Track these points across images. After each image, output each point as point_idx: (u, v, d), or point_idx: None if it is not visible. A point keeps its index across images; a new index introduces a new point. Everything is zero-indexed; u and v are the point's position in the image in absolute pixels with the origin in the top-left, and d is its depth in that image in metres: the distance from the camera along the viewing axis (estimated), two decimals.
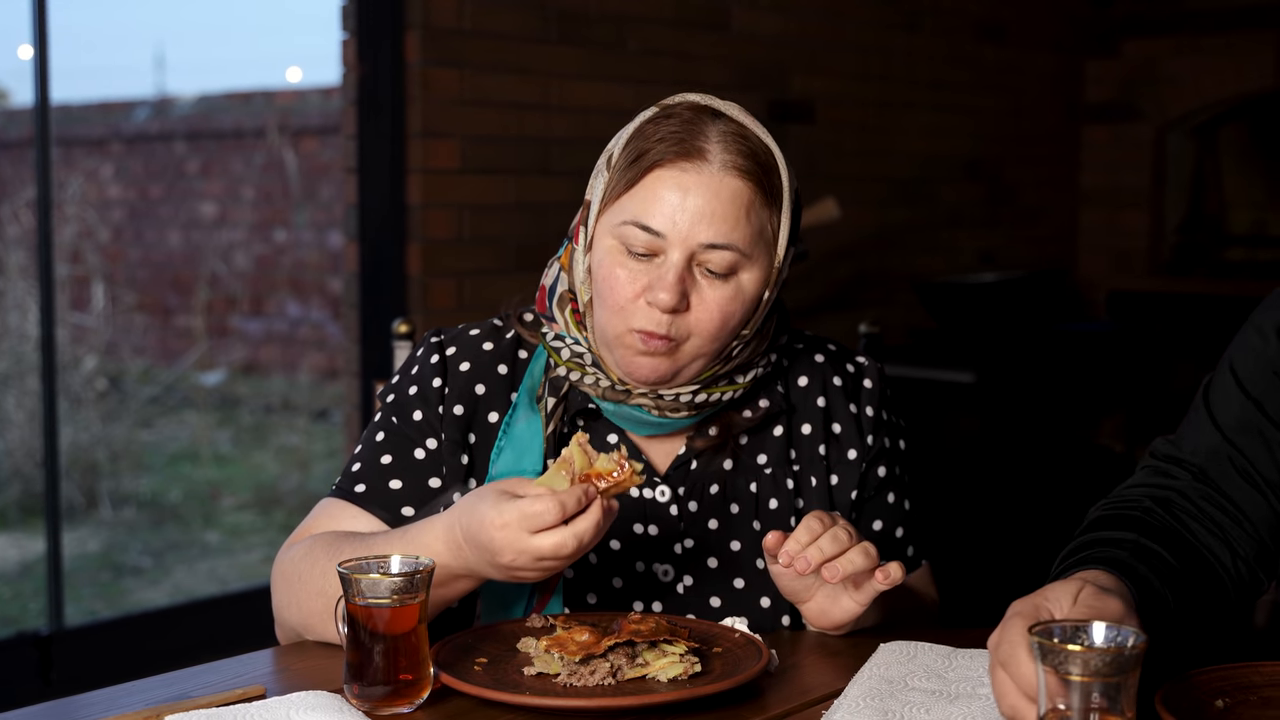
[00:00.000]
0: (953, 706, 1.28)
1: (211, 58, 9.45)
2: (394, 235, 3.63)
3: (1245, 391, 1.49)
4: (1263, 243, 5.81)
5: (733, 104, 1.51)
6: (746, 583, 1.55)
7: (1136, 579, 1.32)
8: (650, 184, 1.45)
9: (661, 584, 1.54)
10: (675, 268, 1.43)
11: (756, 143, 1.47)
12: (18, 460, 5.69)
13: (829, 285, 4.64)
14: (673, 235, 1.43)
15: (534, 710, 1.28)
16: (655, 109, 1.51)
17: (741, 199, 1.44)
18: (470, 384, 1.56)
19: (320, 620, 1.44)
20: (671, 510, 1.55)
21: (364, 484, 1.54)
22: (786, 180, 1.49)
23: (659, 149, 1.45)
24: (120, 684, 1.36)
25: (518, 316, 1.60)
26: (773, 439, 1.59)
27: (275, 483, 6.26)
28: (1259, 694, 1.28)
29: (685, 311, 1.45)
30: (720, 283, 1.45)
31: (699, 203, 1.43)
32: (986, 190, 5.34)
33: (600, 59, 3.96)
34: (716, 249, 1.44)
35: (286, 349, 7.31)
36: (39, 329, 3.65)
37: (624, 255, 1.46)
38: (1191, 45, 5.55)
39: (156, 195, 7.59)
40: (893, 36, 4.90)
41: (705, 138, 1.45)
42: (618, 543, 1.53)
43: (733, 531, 1.56)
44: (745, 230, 1.45)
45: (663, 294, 1.43)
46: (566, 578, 1.52)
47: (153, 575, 5.16)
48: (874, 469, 1.63)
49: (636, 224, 1.44)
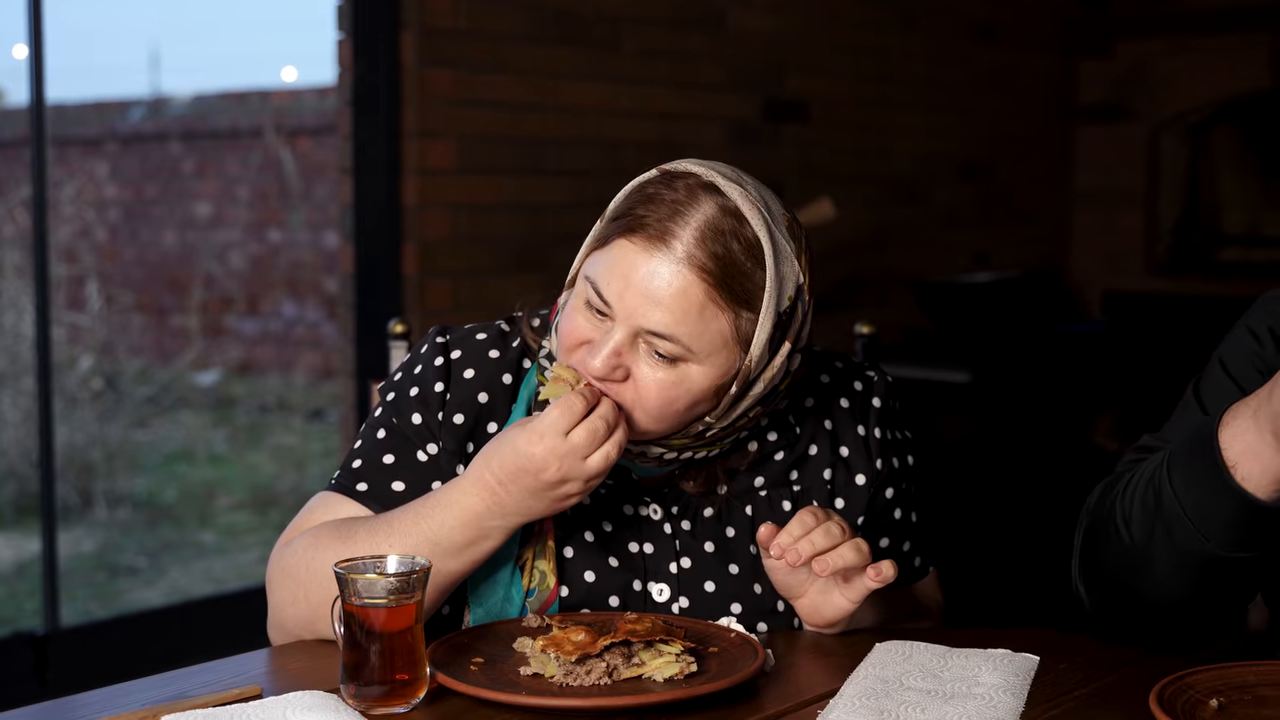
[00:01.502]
0: (948, 706, 1.28)
1: (207, 57, 9.43)
2: (390, 235, 3.63)
3: (1241, 389, 1.50)
4: (1257, 243, 5.81)
5: (740, 184, 1.42)
6: (744, 609, 1.53)
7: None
8: (615, 250, 1.40)
9: (658, 605, 1.53)
10: (614, 341, 1.39)
11: (738, 240, 1.38)
12: (13, 460, 5.68)
13: (824, 285, 4.63)
14: (619, 311, 1.39)
15: (530, 710, 1.28)
16: (658, 172, 1.44)
17: (691, 296, 1.37)
18: (474, 392, 1.53)
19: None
20: (665, 529, 1.53)
21: (366, 483, 1.52)
22: (772, 280, 1.39)
23: (634, 217, 1.40)
24: (117, 684, 1.36)
25: (528, 321, 1.57)
26: (773, 460, 1.55)
27: (271, 483, 6.25)
28: (1254, 693, 1.29)
29: (623, 382, 1.41)
30: (665, 367, 1.40)
31: (648, 288, 1.37)
32: (981, 190, 5.35)
33: (596, 59, 3.96)
34: (658, 337, 1.38)
35: (282, 349, 7.30)
36: (34, 329, 3.65)
37: (585, 304, 1.43)
38: (1185, 46, 5.55)
39: (152, 195, 7.58)
40: (888, 37, 4.90)
41: (682, 222, 1.38)
42: (615, 560, 1.52)
43: (730, 555, 1.54)
44: (692, 327, 1.38)
45: (594, 361, 1.39)
46: (562, 596, 1.49)
47: (148, 575, 5.15)
48: (882, 492, 1.60)
49: (593, 285, 1.41)
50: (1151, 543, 1.42)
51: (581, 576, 1.50)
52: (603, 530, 1.52)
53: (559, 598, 1.49)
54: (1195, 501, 1.39)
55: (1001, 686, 1.33)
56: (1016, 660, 1.40)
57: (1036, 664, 1.40)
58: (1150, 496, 1.43)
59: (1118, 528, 1.46)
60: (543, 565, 1.48)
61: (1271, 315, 1.53)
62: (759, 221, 1.40)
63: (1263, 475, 1.35)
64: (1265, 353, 1.50)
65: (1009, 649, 1.43)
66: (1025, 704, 1.31)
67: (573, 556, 1.51)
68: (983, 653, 1.42)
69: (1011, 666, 1.38)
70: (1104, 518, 1.49)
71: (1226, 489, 1.36)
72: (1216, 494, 1.37)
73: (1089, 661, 1.43)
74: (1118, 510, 1.46)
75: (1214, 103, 5.62)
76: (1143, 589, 1.45)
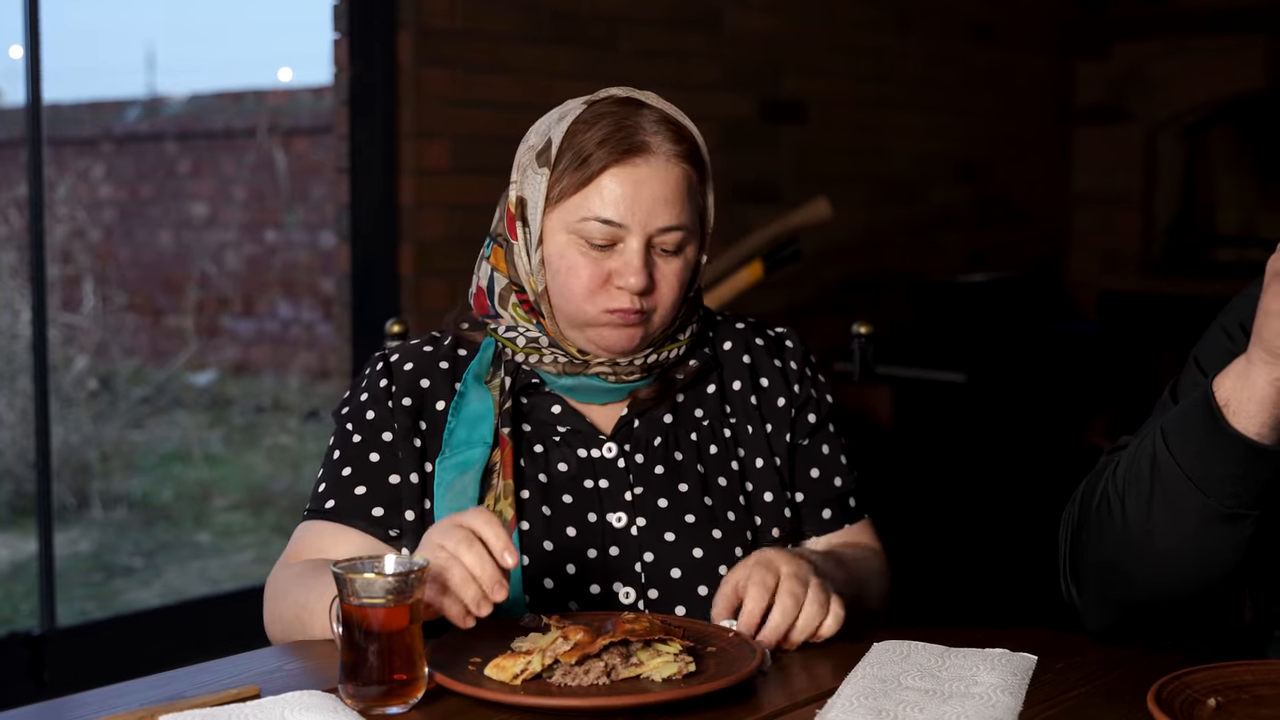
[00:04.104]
0: (946, 705, 1.28)
1: (203, 57, 9.45)
2: (386, 236, 3.63)
3: None
4: (1252, 243, 5.82)
5: (649, 92, 1.63)
6: (696, 518, 1.61)
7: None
8: (604, 182, 1.55)
9: (616, 530, 1.60)
10: (638, 254, 1.55)
11: (684, 128, 1.59)
12: (9, 461, 5.68)
13: (820, 285, 4.65)
14: (632, 224, 1.55)
15: (528, 710, 1.28)
16: (582, 107, 1.60)
17: (684, 184, 1.57)
18: (415, 379, 1.65)
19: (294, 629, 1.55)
20: (619, 464, 1.63)
21: (333, 500, 1.62)
22: (703, 144, 1.62)
23: (605, 152, 1.55)
24: (115, 684, 1.36)
25: (456, 325, 1.70)
26: (707, 395, 1.70)
27: (267, 483, 6.24)
28: (1251, 693, 1.29)
29: (651, 290, 1.56)
30: (674, 259, 1.58)
31: (651, 193, 1.55)
32: (977, 190, 5.35)
33: (593, 59, 3.96)
34: (669, 231, 1.56)
35: (278, 349, 7.30)
36: (31, 329, 3.64)
37: (584, 247, 1.56)
38: (1181, 47, 5.56)
39: (147, 195, 7.58)
40: (884, 37, 4.90)
41: (644, 131, 1.56)
42: (570, 497, 1.60)
43: (680, 475, 1.63)
44: (690, 211, 1.58)
45: (633, 278, 1.54)
46: (522, 529, 1.57)
47: (144, 575, 5.15)
48: (804, 414, 1.71)
49: (596, 219, 1.55)
50: (1149, 517, 1.42)
51: (540, 510, 1.59)
52: (558, 471, 1.61)
53: (518, 529, 1.56)
54: (1192, 456, 1.40)
55: (1000, 686, 1.33)
56: (1014, 660, 1.41)
57: (1034, 663, 1.40)
58: (1145, 465, 1.43)
59: (1111, 510, 1.46)
60: (503, 505, 1.57)
61: (1242, 311, 1.53)
62: (677, 110, 1.62)
63: (1252, 403, 1.36)
64: (1238, 349, 1.51)
65: (1007, 648, 1.43)
66: (1023, 703, 1.31)
67: (529, 497, 1.59)
68: (981, 652, 1.42)
69: (1009, 666, 1.39)
70: (1094, 508, 1.49)
71: (1223, 434, 1.37)
72: (1214, 444, 1.38)
73: (1087, 661, 1.44)
74: (1110, 493, 1.47)
75: (1210, 104, 5.63)
76: (1138, 575, 1.45)
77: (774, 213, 3.96)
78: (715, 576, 1.58)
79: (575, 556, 1.58)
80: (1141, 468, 1.44)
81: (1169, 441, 1.42)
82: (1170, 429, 1.43)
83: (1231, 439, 1.37)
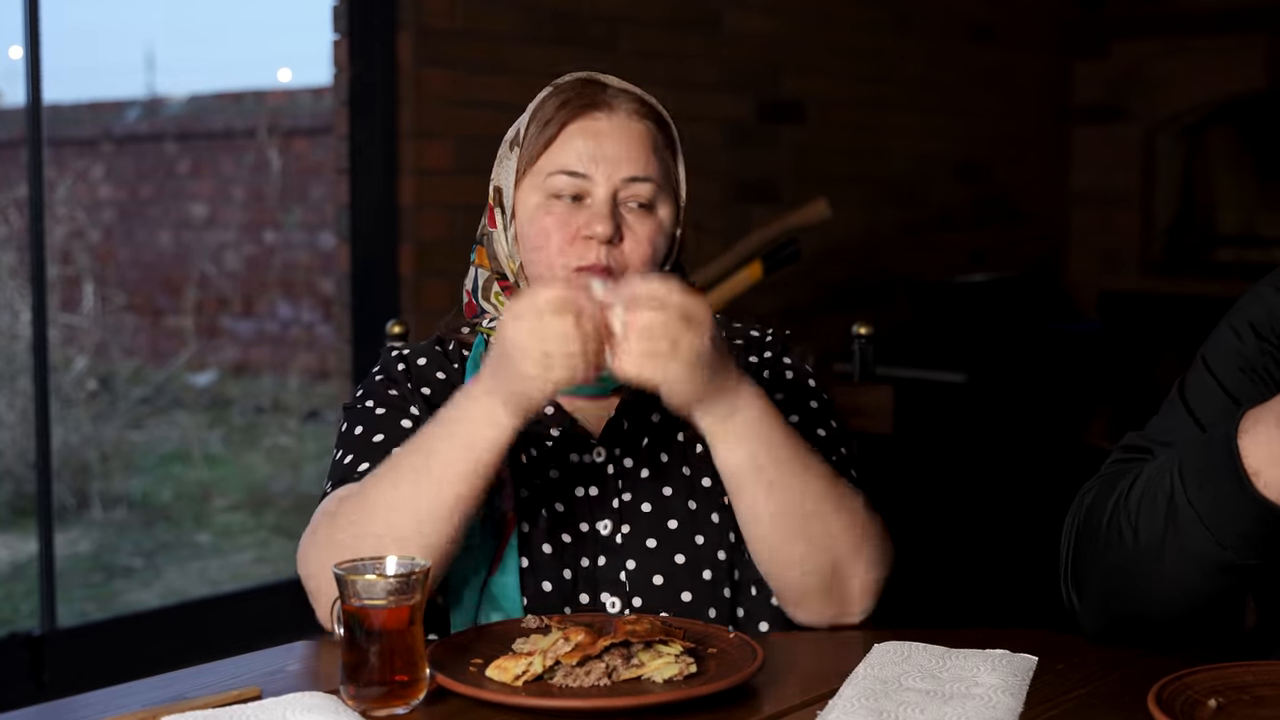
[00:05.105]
0: (947, 707, 1.28)
1: (202, 58, 9.45)
2: (386, 236, 3.63)
3: (1225, 390, 1.50)
4: (1252, 243, 5.83)
5: (611, 77, 1.65)
6: (679, 523, 1.60)
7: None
8: (567, 137, 1.57)
9: (602, 538, 1.59)
10: (605, 202, 1.55)
11: (646, 99, 1.62)
12: (9, 461, 5.68)
13: (820, 286, 4.65)
14: (596, 174, 1.56)
15: (529, 711, 1.28)
16: (547, 89, 1.63)
17: (648, 139, 1.59)
18: (429, 372, 1.66)
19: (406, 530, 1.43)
20: (608, 470, 1.62)
21: (368, 463, 1.54)
22: (675, 129, 1.64)
23: (566, 111, 1.58)
24: (116, 685, 1.36)
25: (454, 331, 1.70)
26: None
27: (266, 483, 6.24)
28: (1252, 693, 1.29)
29: (619, 244, 1.56)
30: (645, 215, 1.58)
31: (613, 143, 1.57)
32: (977, 191, 5.35)
33: (592, 60, 3.92)
34: (636, 181, 1.57)
35: (278, 350, 7.30)
36: (31, 329, 3.64)
37: (552, 203, 1.57)
38: (1181, 46, 5.56)
39: (147, 195, 7.58)
40: (883, 38, 4.91)
41: (604, 93, 1.60)
42: (562, 505, 1.59)
43: (665, 479, 1.62)
44: (656, 166, 1.58)
45: (599, 226, 1.54)
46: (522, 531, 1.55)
47: (144, 576, 5.15)
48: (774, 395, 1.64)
49: (562, 171, 1.57)
50: (1162, 548, 1.41)
51: (539, 514, 1.58)
52: (551, 477, 1.60)
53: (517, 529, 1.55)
54: (1213, 510, 1.37)
55: (1000, 687, 1.33)
56: (1015, 660, 1.41)
57: (1035, 664, 1.40)
58: (1162, 502, 1.41)
59: (1121, 535, 1.45)
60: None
61: (1250, 310, 1.53)
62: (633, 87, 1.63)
63: None
64: (1246, 349, 1.50)
65: (1007, 649, 1.43)
66: (1024, 704, 1.31)
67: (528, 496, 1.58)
68: (981, 653, 1.42)
69: (1010, 667, 1.39)
70: (1104, 523, 1.48)
71: (1249, 498, 1.34)
72: (1237, 503, 1.35)
73: (1087, 662, 1.44)
74: (1122, 518, 1.45)
75: (1209, 103, 5.63)
76: (1145, 594, 1.45)
77: (773, 213, 3.97)
78: (698, 581, 1.57)
79: (571, 562, 1.57)
80: (1158, 503, 1.42)
81: (1188, 487, 1.39)
82: (1189, 473, 1.39)
83: (1259, 504, 1.34)
